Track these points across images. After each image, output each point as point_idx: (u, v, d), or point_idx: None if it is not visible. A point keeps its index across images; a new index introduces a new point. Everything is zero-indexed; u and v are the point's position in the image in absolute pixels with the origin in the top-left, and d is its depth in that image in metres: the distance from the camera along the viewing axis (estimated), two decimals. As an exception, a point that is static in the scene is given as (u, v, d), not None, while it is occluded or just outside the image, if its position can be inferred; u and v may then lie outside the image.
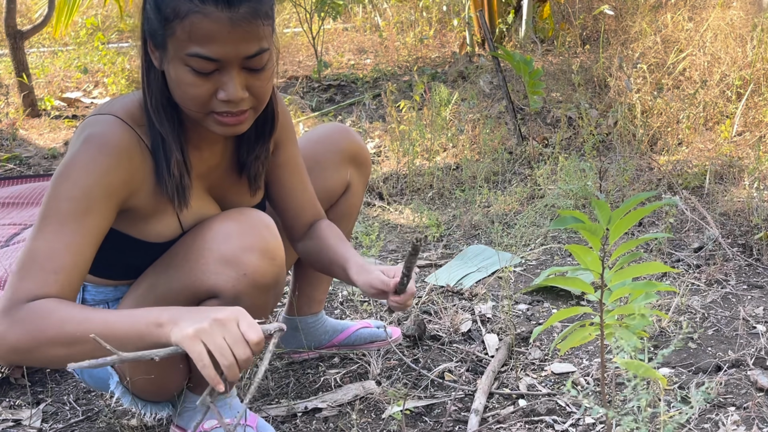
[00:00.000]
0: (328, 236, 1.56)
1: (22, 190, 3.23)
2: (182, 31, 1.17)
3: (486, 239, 2.59)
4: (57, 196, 1.19)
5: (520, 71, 3.42)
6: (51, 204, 1.18)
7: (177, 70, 1.21)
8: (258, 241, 1.30)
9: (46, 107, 4.75)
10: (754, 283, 2.12)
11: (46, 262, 1.15)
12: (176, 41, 1.18)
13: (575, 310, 1.20)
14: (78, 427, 1.63)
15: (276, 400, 1.69)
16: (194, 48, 1.17)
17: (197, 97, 1.22)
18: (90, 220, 1.19)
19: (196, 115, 1.25)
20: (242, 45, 1.19)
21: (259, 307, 1.33)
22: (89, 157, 1.20)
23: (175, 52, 1.19)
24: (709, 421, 1.50)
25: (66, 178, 1.19)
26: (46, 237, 1.16)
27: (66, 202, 1.18)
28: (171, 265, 1.33)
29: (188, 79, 1.20)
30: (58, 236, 1.16)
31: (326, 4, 4.92)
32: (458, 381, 1.72)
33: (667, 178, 2.91)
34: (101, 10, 7.03)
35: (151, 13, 1.22)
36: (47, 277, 1.14)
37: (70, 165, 1.20)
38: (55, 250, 1.16)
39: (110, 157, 1.22)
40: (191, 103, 1.23)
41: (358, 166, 1.73)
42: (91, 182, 1.19)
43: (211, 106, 1.23)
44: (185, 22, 1.17)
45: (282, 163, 1.54)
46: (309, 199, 1.59)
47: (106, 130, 1.23)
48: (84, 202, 1.18)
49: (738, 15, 3.83)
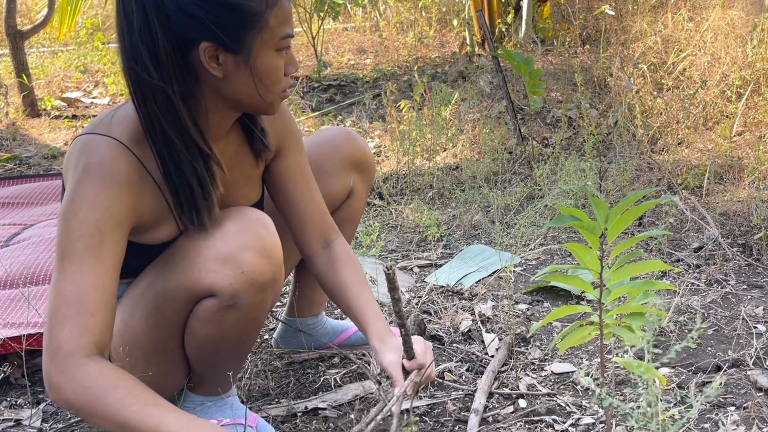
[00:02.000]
0: (347, 276, 1.52)
1: (22, 190, 3.23)
2: (275, 17, 1.24)
3: (486, 239, 2.59)
4: (69, 235, 1.20)
5: (520, 71, 3.42)
6: (66, 244, 1.20)
7: (269, 59, 1.26)
8: (255, 239, 1.30)
9: (46, 107, 4.75)
10: (754, 283, 2.12)
11: (79, 305, 1.18)
12: (270, 30, 1.24)
13: (574, 309, 1.20)
14: (78, 427, 1.63)
15: (276, 400, 1.69)
16: (285, 29, 1.26)
17: (281, 78, 1.29)
18: (106, 253, 1.21)
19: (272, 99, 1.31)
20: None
21: (256, 306, 1.33)
22: (93, 192, 1.21)
23: (269, 42, 1.25)
24: (709, 421, 1.50)
25: (74, 216, 1.20)
26: (70, 278, 1.19)
27: (79, 240, 1.20)
28: (169, 263, 1.33)
29: (278, 63, 1.27)
30: (81, 276, 1.19)
31: (326, 4, 4.92)
32: (458, 381, 1.72)
33: (667, 178, 2.91)
34: (101, 10, 7.03)
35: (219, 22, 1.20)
36: (86, 320, 1.17)
37: (76, 202, 1.21)
38: (83, 291, 1.18)
39: (113, 188, 1.22)
40: (277, 87, 1.30)
41: (362, 171, 1.72)
42: (99, 216, 1.20)
43: (284, 85, 1.31)
44: (276, 8, 1.24)
45: (286, 170, 1.51)
46: (316, 211, 1.55)
47: (105, 160, 1.22)
48: (97, 237, 1.20)
49: (738, 15, 3.84)
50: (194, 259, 1.29)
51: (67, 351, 1.16)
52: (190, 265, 1.30)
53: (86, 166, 1.22)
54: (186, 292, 1.31)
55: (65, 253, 1.20)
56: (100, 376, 1.15)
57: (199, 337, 1.36)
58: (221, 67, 1.24)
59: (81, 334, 1.17)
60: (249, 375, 1.78)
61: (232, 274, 1.28)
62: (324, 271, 1.55)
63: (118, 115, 1.29)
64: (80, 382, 1.15)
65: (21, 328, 1.89)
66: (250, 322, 1.36)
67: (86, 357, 1.16)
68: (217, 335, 1.35)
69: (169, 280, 1.32)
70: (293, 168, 1.52)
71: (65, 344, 1.16)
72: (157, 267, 1.34)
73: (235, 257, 1.28)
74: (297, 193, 1.53)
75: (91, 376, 1.15)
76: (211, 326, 1.33)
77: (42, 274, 2.27)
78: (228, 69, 1.24)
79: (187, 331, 1.37)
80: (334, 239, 1.57)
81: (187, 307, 1.33)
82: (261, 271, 1.30)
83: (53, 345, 1.17)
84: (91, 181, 1.21)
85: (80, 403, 1.15)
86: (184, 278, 1.30)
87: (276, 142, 1.49)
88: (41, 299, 2.11)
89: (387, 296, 2.16)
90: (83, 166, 1.22)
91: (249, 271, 1.28)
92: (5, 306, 2.06)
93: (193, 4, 1.19)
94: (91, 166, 1.22)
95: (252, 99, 1.29)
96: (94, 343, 1.18)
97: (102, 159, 1.22)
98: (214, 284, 1.28)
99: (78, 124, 4.48)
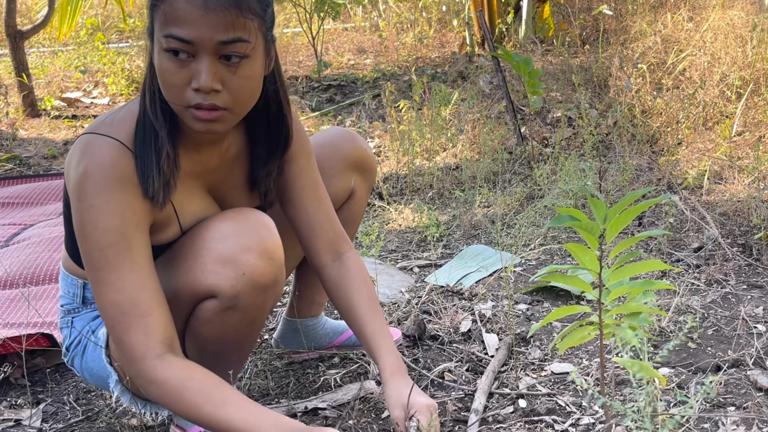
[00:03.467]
0: (360, 297, 1.50)
1: (22, 190, 3.24)
2: (163, 13, 1.19)
3: (486, 239, 2.59)
4: (97, 246, 1.23)
5: (519, 71, 3.42)
6: (96, 256, 1.23)
7: (159, 56, 1.22)
8: (256, 240, 1.30)
9: (46, 107, 4.76)
10: (754, 283, 2.12)
11: (134, 310, 1.22)
12: (159, 24, 1.20)
13: (573, 309, 1.20)
14: (78, 427, 1.63)
15: (276, 400, 1.69)
16: (171, 29, 1.18)
17: (174, 85, 1.21)
18: (137, 255, 1.24)
19: (177, 109, 1.25)
20: (217, 30, 1.18)
21: (257, 307, 1.33)
22: (104, 199, 1.22)
23: (157, 36, 1.21)
24: (709, 421, 1.50)
25: (94, 228, 1.22)
26: (114, 288, 1.23)
27: (108, 249, 1.22)
28: (170, 265, 1.33)
29: (166, 64, 1.21)
30: (124, 283, 1.22)
31: (326, 4, 4.93)
32: (458, 381, 1.72)
33: (667, 177, 2.91)
34: (101, 10, 7.03)
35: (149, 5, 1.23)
36: (146, 322, 1.22)
37: (91, 213, 1.22)
38: (132, 296, 1.22)
39: (121, 191, 1.23)
40: (170, 93, 1.23)
41: (363, 172, 1.72)
42: (118, 222, 1.22)
43: (187, 98, 1.22)
44: (165, 4, 1.18)
45: (293, 176, 1.49)
46: (324, 219, 1.52)
47: (105, 162, 1.23)
48: (124, 242, 1.23)
49: (738, 15, 3.84)
50: (195, 261, 1.29)
51: (140, 356, 1.22)
52: (192, 267, 1.30)
53: (86, 169, 1.22)
54: (187, 293, 1.31)
55: (98, 265, 1.23)
56: (170, 380, 1.22)
57: (200, 338, 1.36)
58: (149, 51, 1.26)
59: (146, 336, 1.22)
60: (249, 375, 1.78)
61: (233, 275, 1.28)
62: (335, 288, 1.52)
63: (119, 115, 1.29)
64: (156, 386, 1.23)
65: (21, 328, 1.90)
66: (250, 323, 1.36)
67: (157, 358, 1.22)
68: (218, 336, 1.35)
69: (171, 281, 1.32)
70: (301, 174, 1.50)
71: (136, 350, 1.22)
72: (158, 268, 1.34)
73: (237, 258, 1.28)
74: (305, 200, 1.50)
75: (163, 380, 1.22)
76: (212, 327, 1.33)
77: (42, 274, 2.27)
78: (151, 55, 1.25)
79: (188, 332, 1.37)
80: (346, 252, 1.54)
81: (188, 308, 1.34)
82: (262, 273, 1.30)
83: (126, 353, 1.24)
84: (97, 189, 1.21)
85: (163, 403, 1.25)
86: (185, 279, 1.30)
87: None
88: (41, 299, 2.11)
89: (387, 296, 2.16)
90: (84, 169, 1.22)
91: (250, 273, 1.28)
92: (5, 306, 2.06)
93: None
94: (92, 169, 1.22)
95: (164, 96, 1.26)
96: (161, 342, 1.23)
97: (102, 161, 1.22)
98: (215, 285, 1.28)
99: (78, 124, 4.49)
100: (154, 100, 1.27)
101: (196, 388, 1.22)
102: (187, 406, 1.22)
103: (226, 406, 1.21)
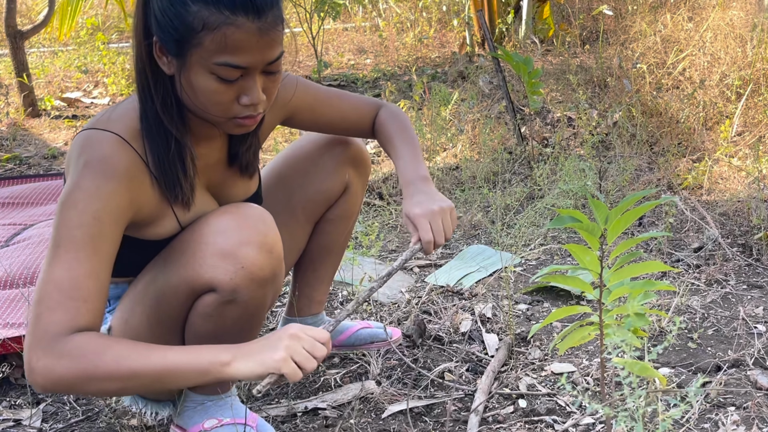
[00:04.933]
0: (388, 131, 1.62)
1: (22, 190, 3.24)
2: (212, 41, 1.19)
3: (486, 239, 2.59)
4: (67, 224, 1.20)
5: (519, 71, 3.42)
6: (63, 232, 1.20)
7: (200, 78, 1.22)
8: (255, 234, 1.30)
9: (46, 107, 4.75)
10: (754, 283, 2.12)
11: (73, 291, 1.18)
12: (203, 51, 1.19)
13: (574, 309, 1.20)
14: (78, 427, 1.63)
15: (276, 400, 1.69)
16: (224, 57, 1.19)
17: (222, 103, 1.24)
18: (103, 245, 1.21)
19: (216, 119, 1.27)
20: (267, 51, 1.22)
21: (257, 302, 1.33)
22: (94, 185, 1.21)
23: (201, 61, 1.20)
24: (709, 421, 1.50)
25: (73, 206, 1.20)
26: (65, 266, 1.18)
27: (77, 229, 1.20)
28: (169, 260, 1.33)
29: (213, 86, 1.22)
30: (77, 264, 1.18)
31: (326, 4, 4.92)
32: (458, 381, 1.72)
33: (667, 178, 2.91)
34: (102, 10, 7.03)
35: (165, 23, 1.21)
36: (78, 306, 1.17)
37: (76, 192, 1.21)
38: (78, 279, 1.18)
39: (114, 182, 1.22)
40: (215, 109, 1.25)
41: (357, 167, 1.73)
42: (98, 207, 1.21)
43: (233, 111, 1.26)
44: (216, 34, 1.18)
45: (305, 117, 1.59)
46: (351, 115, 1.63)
47: (106, 155, 1.23)
48: (95, 227, 1.20)
49: (738, 15, 3.84)
50: (194, 255, 1.30)
51: (55, 332, 1.15)
52: (191, 261, 1.30)
53: (87, 160, 1.23)
54: (186, 287, 1.31)
55: (62, 241, 1.20)
56: (90, 342, 1.16)
57: (199, 333, 1.36)
58: (169, 64, 1.25)
59: (72, 318, 1.16)
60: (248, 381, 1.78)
61: (232, 269, 1.28)
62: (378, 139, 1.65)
63: (117, 111, 1.30)
64: (71, 354, 1.15)
65: (21, 328, 1.89)
66: (250, 318, 1.37)
67: (74, 332, 1.16)
68: (218, 331, 1.35)
69: (170, 275, 1.32)
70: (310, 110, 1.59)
71: (53, 327, 1.16)
72: (157, 263, 1.35)
73: (236, 252, 1.28)
74: (322, 119, 1.61)
75: (82, 344, 1.15)
76: (212, 322, 1.34)
77: (42, 274, 2.26)
78: (173, 69, 1.25)
79: (188, 327, 1.37)
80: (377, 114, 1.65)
81: (188, 302, 1.34)
82: (261, 266, 1.30)
83: (39, 329, 1.16)
84: (92, 174, 1.22)
85: (74, 374, 1.15)
86: (184, 274, 1.30)
87: (284, 113, 1.55)
88: (41, 299, 2.11)
89: (387, 296, 2.17)
90: (84, 161, 1.23)
91: (249, 266, 1.29)
92: (5, 306, 2.06)
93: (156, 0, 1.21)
94: (93, 161, 1.22)
95: (194, 108, 1.27)
96: (84, 327, 1.17)
97: (103, 153, 1.23)
98: (214, 279, 1.29)
99: (78, 124, 4.49)
100: (167, 107, 1.27)
101: (122, 344, 1.18)
102: (109, 363, 1.15)
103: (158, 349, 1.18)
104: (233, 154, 1.45)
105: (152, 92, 1.27)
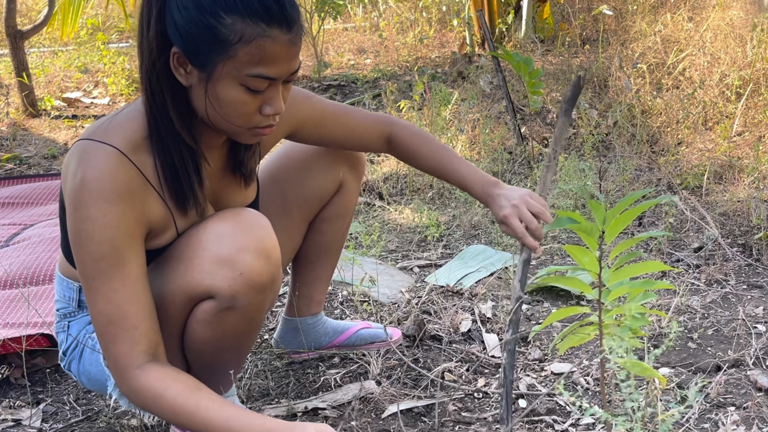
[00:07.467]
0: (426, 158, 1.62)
1: (22, 190, 3.24)
2: (247, 53, 1.19)
3: (486, 239, 2.59)
4: (91, 257, 1.24)
5: (520, 71, 3.42)
6: (89, 266, 1.24)
7: (228, 89, 1.22)
8: (253, 240, 1.30)
9: (46, 107, 4.75)
10: (754, 283, 2.12)
11: (122, 321, 1.24)
12: (236, 62, 1.20)
13: (574, 310, 1.20)
14: (78, 427, 1.63)
15: (276, 400, 1.69)
16: (258, 69, 1.20)
17: (246, 113, 1.25)
18: (130, 266, 1.25)
19: (236, 129, 1.28)
20: (293, 62, 1.25)
21: (255, 307, 1.33)
22: (101, 212, 1.22)
23: (233, 72, 1.21)
24: (709, 421, 1.50)
25: (89, 239, 1.23)
26: (104, 298, 1.24)
27: (101, 261, 1.23)
28: (167, 267, 1.33)
29: (242, 98, 1.23)
30: (114, 294, 1.24)
31: (326, 4, 4.93)
32: (458, 381, 1.72)
33: (667, 178, 2.91)
34: (102, 10, 7.03)
35: (192, 34, 1.19)
36: (132, 335, 1.25)
37: (87, 224, 1.22)
38: (121, 307, 1.24)
39: (118, 203, 1.23)
40: (239, 120, 1.26)
41: (351, 164, 1.72)
42: (113, 235, 1.23)
43: (255, 121, 1.27)
44: (251, 46, 1.19)
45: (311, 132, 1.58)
46: (357, 129, 1.62)
47: (103, 174, 1.22)
48: (117, 255, 1.24)
49: (738, 15, 3.84)
50: (192, 262, 1.29)
51: (123, 366, 1.25)
52: (189, 268, 1.30)
53: (83, 178, 1.21)
54: (184, 294, 1.31)
55: (91, 275, 1.24)
56: (147, 388, 1.25)
57: (198, 339, 1.36)
58: (188, 75, 1.23)
59: (131, 347, 1.25)
60: (249, 375, 1.78)
61: (230, 275, 1.28)
62: (404, 160, 1.67)
63: (117, 120, 1.28)
64: (137, 394, 1.25)
65: (21, 328, 1.90)
66: (249, 324, 1.36)
67: (138, 368, 1.25)
68: (217, 337, 1.35)
69: (168, 282, 1.32)
70: (315, 125, 1.58)
71: (120, 360, 1.25)
72: (155, 270, 1.34)
73: (234, 259, 1.28)
74: (328, 136, 1.61)
75: (141, 388, 1.25)
76: (211, 328, 1.33)
77: (42, 274, 2.27)
78: (192, 80, 1.24)
79: (186, 333, 1.37)
80: (390, 132, 1.64)
81: (186, 309, 1.33)
82: (259, 272, 1.30)
83: (111, 362, 1.27)
84: (95, 201, 1.21)
85: (146, 410, 1.28)
86: (182, 281, 1.30)
87: (288, 127, 1.55)
88: (41, 299, 2.11)
89: (387, 296, 2.17)
90: (81, 178, 1.21)
91: (247, 273, 1.29)
92: (5, 306, 2.06)
93: (177, 8, 1.19)
94: (89, 179, 1.21)
95: (214, 119, 1.26)
96: (144, 353, 1.25)
97: (101, 173, 1.21)
98: (212, 286, 1.28)
99: (78, 124, 4.49)
100: (183, 118, 1.27)
101: (171, 396, 1.23)
102: (165, 413, 1.25)
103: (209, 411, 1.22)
104: (237, 162, 1.44)
105: (167, 104, 1.25)
